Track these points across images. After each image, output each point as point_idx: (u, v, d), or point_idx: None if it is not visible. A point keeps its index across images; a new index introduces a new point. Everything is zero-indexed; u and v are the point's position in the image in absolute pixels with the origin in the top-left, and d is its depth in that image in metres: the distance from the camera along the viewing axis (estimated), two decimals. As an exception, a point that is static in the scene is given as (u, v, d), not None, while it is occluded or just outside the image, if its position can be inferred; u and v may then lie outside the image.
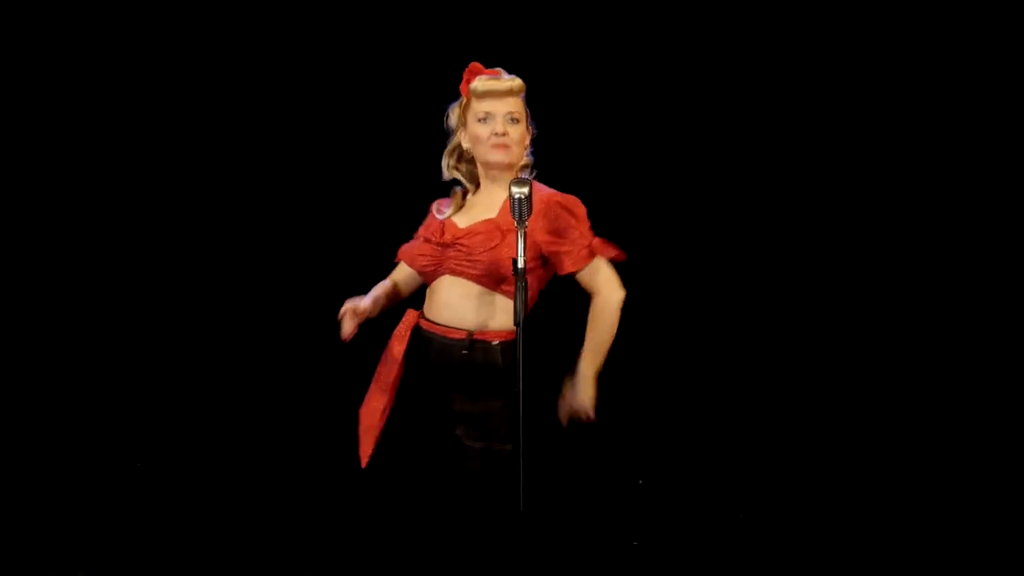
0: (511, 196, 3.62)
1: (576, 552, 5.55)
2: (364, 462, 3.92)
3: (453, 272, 3.84)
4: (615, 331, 3.96)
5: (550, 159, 4.07)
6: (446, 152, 4.00)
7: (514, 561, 3.73)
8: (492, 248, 3.81)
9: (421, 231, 4.02)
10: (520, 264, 3.59)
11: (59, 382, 6.75)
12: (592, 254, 3.87)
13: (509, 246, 3.78)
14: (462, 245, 3.82)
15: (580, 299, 3.99)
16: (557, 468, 3.99)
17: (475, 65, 3.90)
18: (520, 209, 3.62)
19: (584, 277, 3.91)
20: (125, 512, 6.03)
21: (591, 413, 3.87)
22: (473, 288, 3.83)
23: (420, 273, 3.96)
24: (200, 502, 6.15)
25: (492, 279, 3.82)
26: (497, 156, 3.86)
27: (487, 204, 3.92)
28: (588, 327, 3.92)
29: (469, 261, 3.81)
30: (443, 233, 3.88)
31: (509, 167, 3.90)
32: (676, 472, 6.54)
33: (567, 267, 3.85)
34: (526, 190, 3.61)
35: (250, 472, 6.54)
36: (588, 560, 5.49)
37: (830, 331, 6.67)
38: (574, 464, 6.47)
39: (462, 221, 3.92)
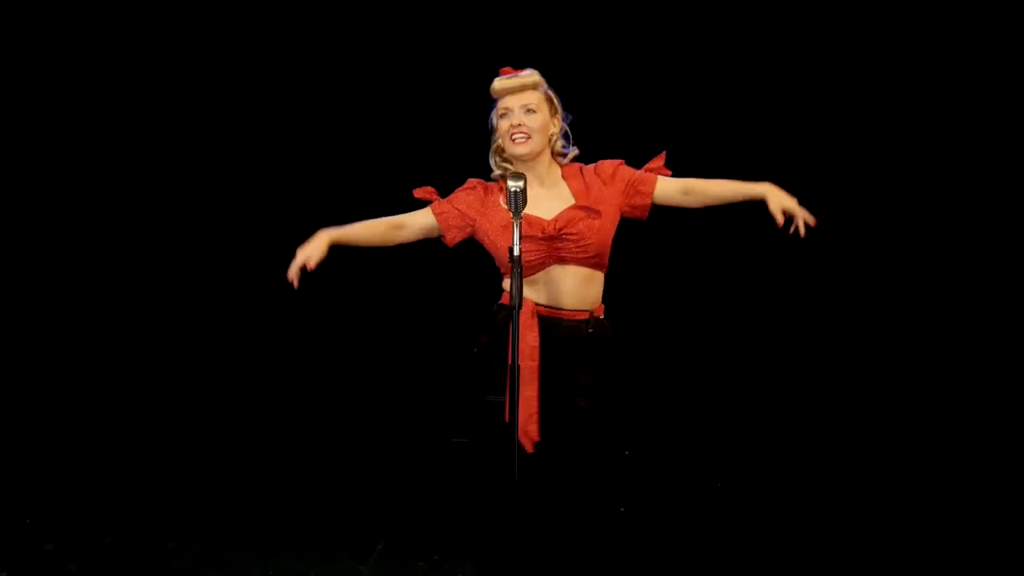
0: (507, 189, 3.65)
1: (568, 517, 5.58)
2: (530, 448, 3.80)
3: (564, 261, 3.81)
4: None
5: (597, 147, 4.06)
6: (492, 150, 3.93)
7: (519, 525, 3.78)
8: (597, 230, 3.82)
9: (461, 202, 3.89)
10: (516, 252, 3.61)
11: (65, 376, 6.76)
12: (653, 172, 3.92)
13: (607, 223, 3.84)
14: (570, 234, 3.79)
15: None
16: (552, 446, 3.99)
17: (506, 69, 3.90)
18: (516, 201, 3.63)
19: (667, 183, 3.91)
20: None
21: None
22: (581, 271, 3.82)
23: (526, 266, 3.78)
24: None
25: (598, 259, 3.85)
26: (517, 148, 3.83)
27: (553, 196, 3.88)
28: (715, 190, 3.91)
29: (580, 247, 3.80)
30: (538, 228, 3.78)
31: (533, 156, 3.86)
32: (659, 445, 6.60)
33: (649, 192, 3.89)
34: (521, 183, 3.63)
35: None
36: (579, 524, 5.51)
37: (814, 321, 6.65)
38: (565, 439, 6.54)
39: (543, 212, 3.85)
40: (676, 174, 3.95)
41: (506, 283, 3.89)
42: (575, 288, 3.85)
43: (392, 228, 3.90)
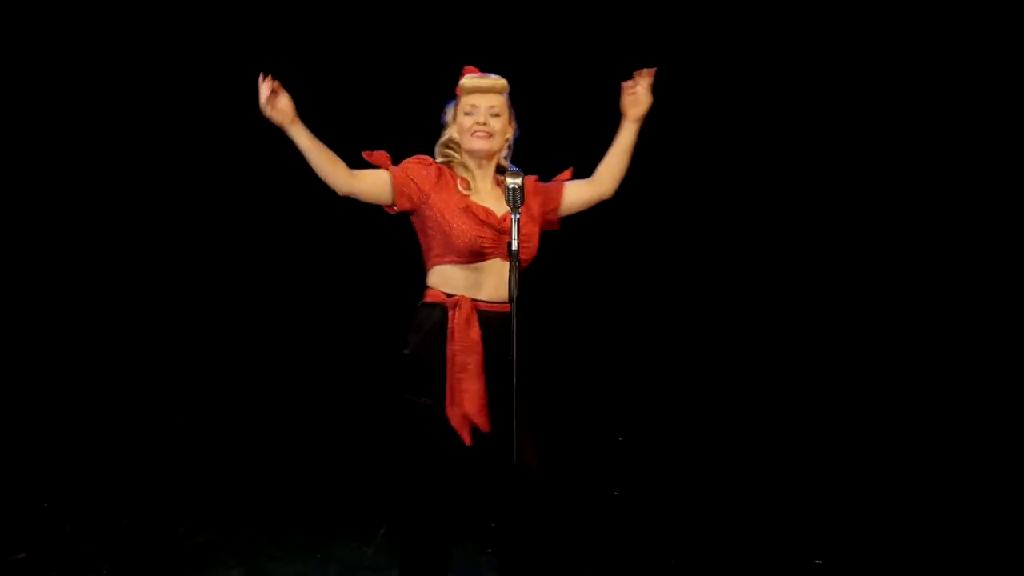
0: (506, 187, 3.68)
1: (565, 500, 5.60)
2: (468, 439, 3.77)
3: (504, 257, 3.81)
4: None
5: (542, 159, 4.10)
6: (439, 143, 3.96)
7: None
8: (534, 235, 3.89)
9: (415, 173, 3.86)
10: (514, 247, 3.64)
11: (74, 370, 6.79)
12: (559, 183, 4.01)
13: (537, 229, 3.91)
14: (525, 236, 3.77)
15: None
16: (549, 432, 3.99)
17: (469, 68, 3.94)
18: (514, 198, 3.67)
19: (576, 186, 4.01)
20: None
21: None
22: (507, 266, 3.77)
23: (473, 252, 3.83)
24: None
25: (531, 261, 3.91)
26: (478, 144, 3.87)
27: (488, 194, 3.91)
28: (608, 159, 4.04)
29: (525, 248, 3.80)
30: (500, 221, 3.83)
31: (489, 155, 3.91)
32: (651, 432, 6.63)
33: (559, 185, 4.00)
34: (519, 181, 3.66)
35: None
36: (576, 507, 5.53)
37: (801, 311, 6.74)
38: (562, 426, 6.57)
39: (497, 208, 3.90)
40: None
41: (431, 278, 3.88)
42: (504, 282, 3.80)
43: (348, 173, 3.84)
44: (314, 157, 3.79)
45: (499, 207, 3.89)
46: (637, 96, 3.98)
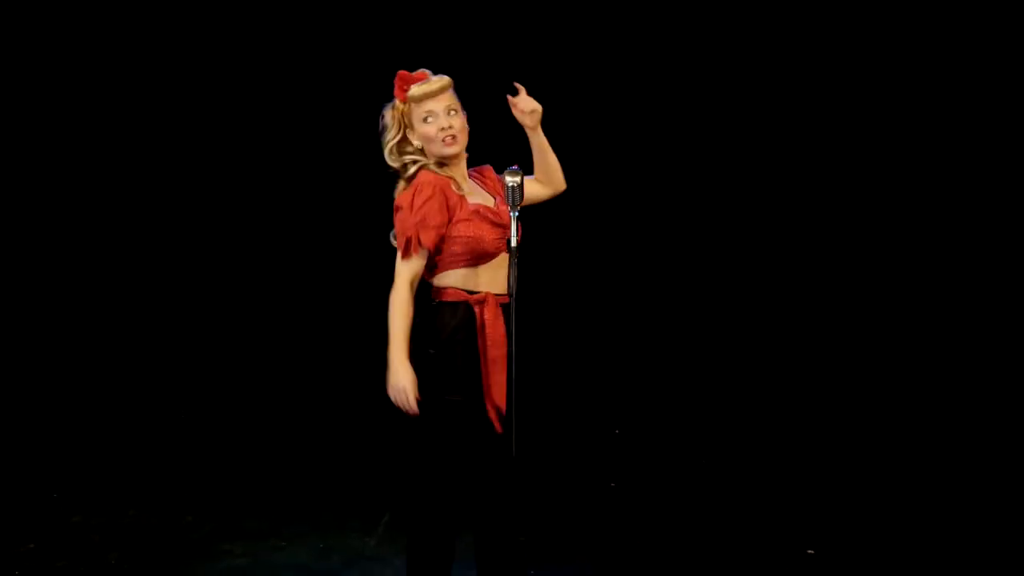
0: (505, 185, 3.68)
1: (563, 491, 5.62)
2: (501, 429, 3.76)
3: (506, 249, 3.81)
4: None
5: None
6: (390, 147, 3.85)
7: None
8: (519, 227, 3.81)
9: (435, 218, 3.75)
10: (514, 243, 3.65)
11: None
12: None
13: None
14: (510, 226, 3.76)
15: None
16: (546, 422, 4.01)
17: (402, 72, 3.84)
18: (513, 196, 3.67)
19: (531, 183, 3.93)
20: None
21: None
22: (505, 258, 3.78)
23: (487, 254, 3.80)
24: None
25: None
26: (450, 149, 3.80)
27: (474, 190, 3.88)
28: (536, 160, 3.95)
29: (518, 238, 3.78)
30: (500, 217, 3.79)
31: (459, 156, 3.86)
32: (647, 424, 6.63)
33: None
34: (518, 179, 3.66)
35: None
36: (573, 498, 5.54)
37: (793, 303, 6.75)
38: (560, 419, 6.57)
39: (486, 201, 3.87)
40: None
41: (443, 278, 3.82)
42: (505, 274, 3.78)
43: (413, 296, 3.78)
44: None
45: (486, 198, 3.88)
46: (521, 109, 3.83)
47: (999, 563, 4.79)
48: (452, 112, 3.82)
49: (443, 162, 3.85)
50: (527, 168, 3.92)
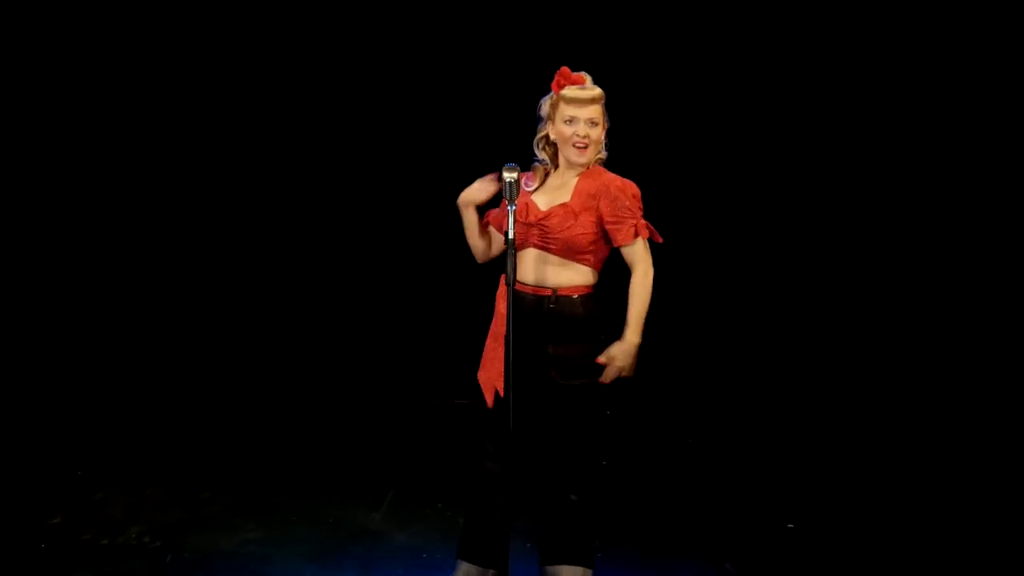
0: (502, 180, 3.73)
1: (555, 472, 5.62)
2: (490, 402, 3.89)
3: (536, 246, 3.88)
4: (649, 303, 3.98)
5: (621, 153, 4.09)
6: (537, 138, 3.96)
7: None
8: (567, 228, 3.85)
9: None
10: (510, 236, 3.69)
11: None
12: (637, 233, 3.89)
13: (582, 226, 3.86)
14: (543, 226, 3.85)
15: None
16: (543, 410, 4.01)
17: (565, 69, 3.89)
18: (510, 191, 3.71)
19: (627, 251, 3.92)
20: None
21: (631, 373, 3.96)
22: (552, 257, 3.88)
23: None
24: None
25: (569, 252, 3.88)
26: (577, 157, 3.87)
27: (562, 188, 3.92)
28: (629, 300, 3.93)
29: (549, 238, 3.86)
30: (527, 214, 3.87)
31: (585, 165, 3.90)
32: (636, 406, 6.61)
33: (617, 240, 3.89)
34: (515, 175, 3.70)
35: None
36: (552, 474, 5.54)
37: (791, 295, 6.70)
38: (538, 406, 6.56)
39: (543, 202, 3.90)
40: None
41: None
42: (542, 269, 3.89)
43: (487, 248, 4.07)
44: (471, 239, 4.04)
45: (551, 199, 3.91)
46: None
47: (974, 537, 4.81)
48: (593, 124, 3.87)
49: (572, 166, 3.91)
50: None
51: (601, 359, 3.87)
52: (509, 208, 3.69)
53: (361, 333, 6.87)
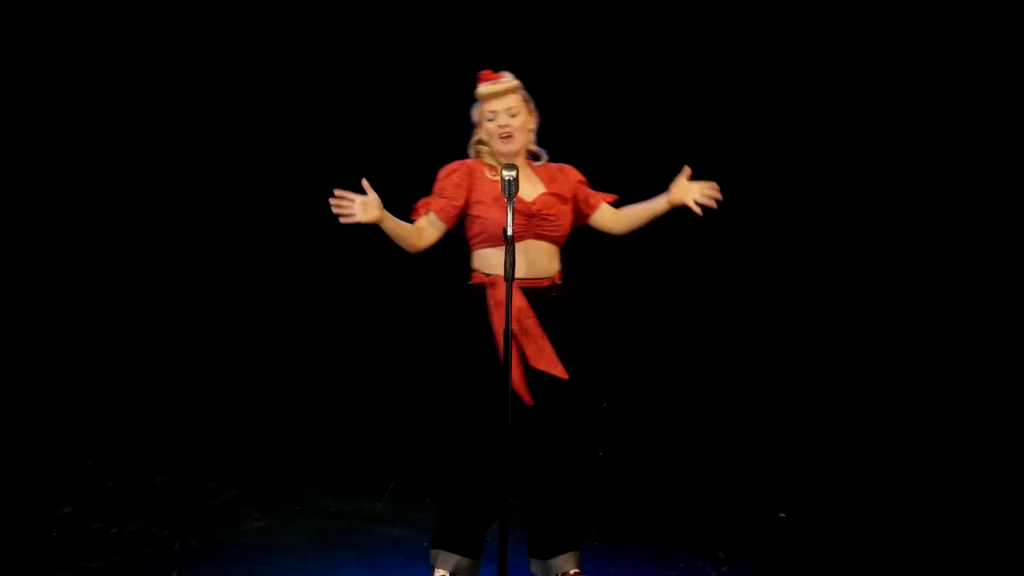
0: (502, 179, 3.72)
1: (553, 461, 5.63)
2: (530, 400, 3.85)
3: (539, 236, 3.89)
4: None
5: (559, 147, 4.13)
6: (471, 142, 3.99)
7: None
8: (566, 215, 3.93)
9: (451, 191, 3.90)
10: (509, 232, 3.70)
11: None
12: (600, 197, 4.06)
13: (570, 211, 3.95)
14: (548, 215, 3.86)
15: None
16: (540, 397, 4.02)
17: (482, 72, 3.95)
18: (509, 188, 3.72)
19: (606, 209, 4.06)
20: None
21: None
22: (548, 246, 3.90)
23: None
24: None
25: (563, 238, 3.95)
26: (504, 147, 3.90)
27: (527, 181, 3.92)
28: (634, 214, 4.04)
29: (555, 226, 3.89)
30: (529, 205, 3.85)
31: (514, 153, 3.92)
32: (632, 399, 6.66)
33: (593, 203, 4.03)
34: (514, 173, 3.69)
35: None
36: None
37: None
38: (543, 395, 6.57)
39: (526, 196, 3.89)
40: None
41: (474, 261, 3.94)
42: (543, 260, 3.91)
43: (417, 237, 3.91)
44: (397, 239, 3.86)
45: (531, 191, 3.93)
46: (688, 188, 3.93)
47: (962, 525, 4.82)
48: (513, 114, 3.90)
49: (504, 157, 3.93)
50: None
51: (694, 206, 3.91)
52: (508, 205, 3.70)
53: (364, 328, 6.87)
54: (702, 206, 3.92)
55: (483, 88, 3.94)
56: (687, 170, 3.96)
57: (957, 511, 4.98)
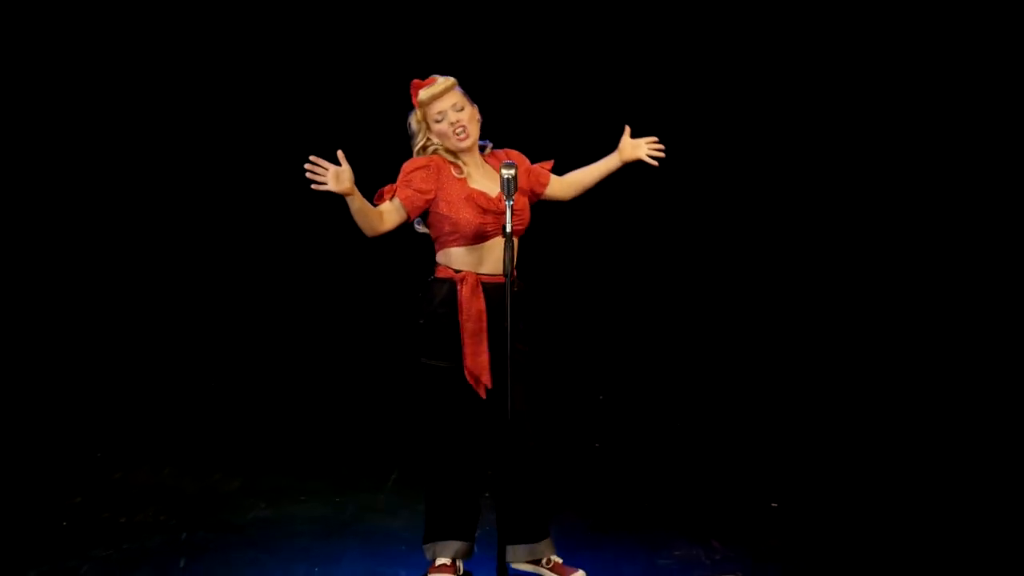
0: (502, 177, 3.73)
1: (551, 451, 5.64)
2: (484, 394, 3.86)
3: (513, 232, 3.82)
4: None
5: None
6: (417, 150, 3.92)
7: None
8: (526, 207, 3.96)
9: (419, 183, 3.84)
10: (508, 229, 3.73)
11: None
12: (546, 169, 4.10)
13: (527, 201, 3.98)
14: (515, 209, 3.80)
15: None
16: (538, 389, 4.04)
17: (415, 81, 3.91)
18: (509, 187, 3.73)
19: (554, 180, 4.10)
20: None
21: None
22: (513, 241, 3.81)
23: (478, 236, 3.86)
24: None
25: (524, 230, 3.98)
26: (462, 143, 3.88)
27: (482, 176, 3.92)
28: (583, 176, 4.11)
29: (519, 219, 3.89)
30: (496, 203, 3.84)
31: (471, 148, 3.91)
32: (628, 392, 6.66)
33: (544, 180, 4.07)
34: (513, 171, 3.71)
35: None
36: (561, 457, 5.57)
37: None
38: (551, 387, 6.59)
39: (489, 192, 3.89)
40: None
41: (440, 255, 3.92)
42: (502, 255, 3.81)
43: (378, 220, 3.85)
44: (361, 218, 3.78)
45: (492, 187, 3.92)
46: (637, 144, 4.01)
47: (951, 512, 4.83)
48: (459, 109, 3.87)
49: (459, 153, 3.92)
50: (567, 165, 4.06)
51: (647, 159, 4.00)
52: (508, 203, 3.71)
53: (368, 325, 6.87)
54: (656, 159, 4.01)
55: (423, 93, 3.88)
56: (628, 129, 4.03)
57: (946, 499, 4.98)
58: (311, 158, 3.64)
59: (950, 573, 4.19)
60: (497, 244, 3.88)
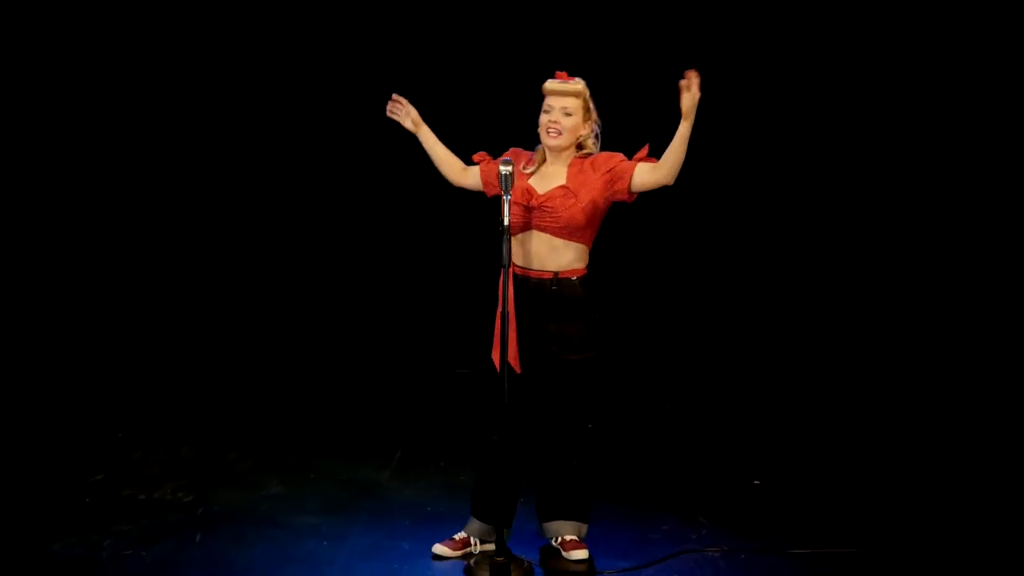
0: (499, 173, 3.75)
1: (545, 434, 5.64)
2: (519, 369, 3.84)
3: (539, 228, 3.84)
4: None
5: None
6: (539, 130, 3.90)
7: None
8: (569, 207, 3.83)
9: (498, 161, 3.85)
10: (505, 223, 3.72)
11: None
12: (634, 160, 3.86)
13: (581, 202, 3.81)
14: (546, 207, 3.82)
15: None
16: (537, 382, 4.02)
17: (559, 73, 3.89)
18: (505, 183, 3.74)
19: (640, 173, 3.83)
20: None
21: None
22: (552, 239, 3.84)
23: (515, 227, 3.82)
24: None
25: (569, 230, 3.86)
26: (548, 140, 3.84)
27: (555, 174, 3.89)
28: (668, 154, 3.76)
29: (552, 218, 3.82)
30: (529, 198, 3.83)
31: (558, 149, 3.85)
32: (617, 376, 6.62)
33: (630, 168, 3.84)
34: (510, 168, 3.74)
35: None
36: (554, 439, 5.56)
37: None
38: (541, 378, 6.56)
39: (540, 187, 3.85)
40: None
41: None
42: (543, 251, 3.86)
43: (460, 171, 4.03)
44: (435, 156, 4.02)
45: (547, 184, 3.87)
46: (685, 96, 3.74)
47: (933, 492, 4.83)
48: (567, 114, 3.83)
49: (548, 150, 3.89)
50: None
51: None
52: (505, 198, 3.71)
53: (374, 310, 6.86)
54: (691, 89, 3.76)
55: (548, 84, 3.88)
56: (681, 86, 3.73)
57: (929, 478, 4.99)
58: (394, 96, 3.98)
59: (929, 548, 4.19)
60: (531, 239, 3.86)
